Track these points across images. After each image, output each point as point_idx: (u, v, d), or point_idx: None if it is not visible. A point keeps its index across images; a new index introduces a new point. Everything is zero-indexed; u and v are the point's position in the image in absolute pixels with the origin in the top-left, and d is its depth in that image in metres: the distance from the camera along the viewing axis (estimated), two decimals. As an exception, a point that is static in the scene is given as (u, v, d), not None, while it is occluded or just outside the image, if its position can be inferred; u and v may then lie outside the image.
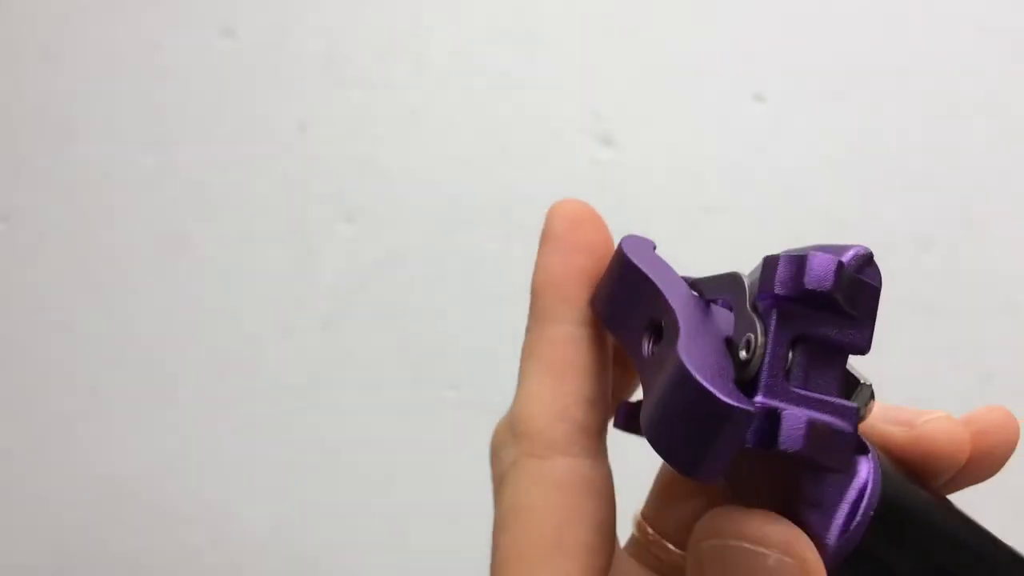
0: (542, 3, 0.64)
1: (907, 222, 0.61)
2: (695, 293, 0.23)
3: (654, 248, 0.24)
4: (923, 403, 0.25)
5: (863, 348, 0.21)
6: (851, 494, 0.21)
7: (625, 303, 0.24)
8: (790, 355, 0.21)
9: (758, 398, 0.20)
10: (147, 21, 0.67)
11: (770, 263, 0.21)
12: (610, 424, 0.25)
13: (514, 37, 0.65)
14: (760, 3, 0.63)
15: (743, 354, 0.21)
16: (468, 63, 0.65)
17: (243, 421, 0.65)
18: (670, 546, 0.26)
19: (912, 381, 0.62)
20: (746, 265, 0.25)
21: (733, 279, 0.22)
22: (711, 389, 0.19)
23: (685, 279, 0.24)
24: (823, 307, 0.21)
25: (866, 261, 0.22)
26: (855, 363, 0.23)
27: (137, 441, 0.65)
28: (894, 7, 0.62)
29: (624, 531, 0.26)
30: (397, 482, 0.64)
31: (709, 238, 0.62)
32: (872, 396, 0.23)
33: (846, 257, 0.21)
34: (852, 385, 0.22)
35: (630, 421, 0.24)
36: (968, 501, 0.25)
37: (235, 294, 0.65)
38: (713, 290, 0.23)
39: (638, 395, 0.25)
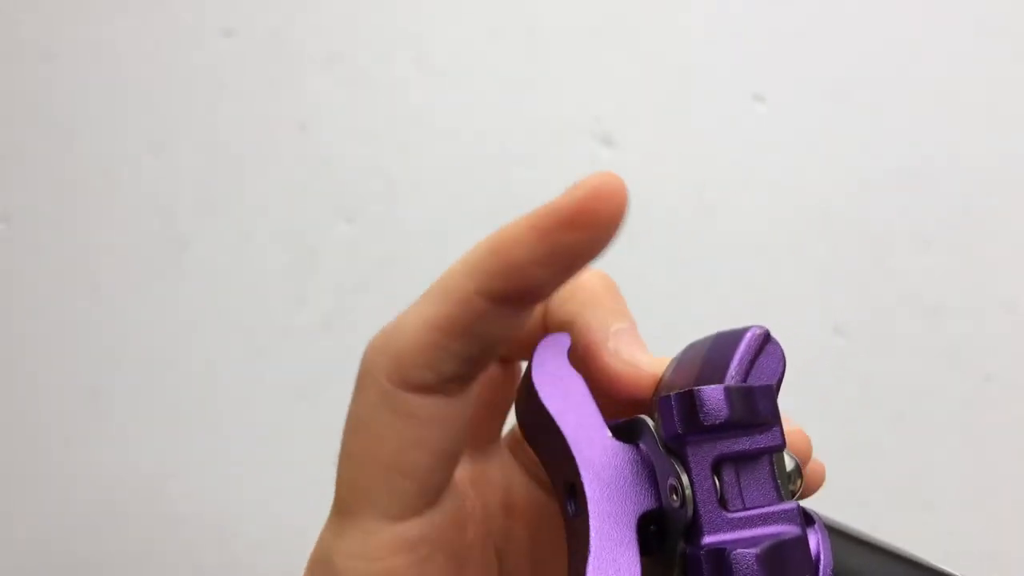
0: (542, 3, 0.65)
1: (907, 222, 0.61)
2: (610, 438, 0.22)
3: (568, 349, 0.23)
4: (923, 403, 0.25)
5: (779, 446, 0.22)
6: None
7: (541, 441, 0.23)
8: (716, 482, 0.21)
9: (705, 540, 0.20)
10: (147, 21, 0.67)
11: (664, 406, 0.21)
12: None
13: (514, 37, 0.65)
14: (760, 3, 0.63)
15: (674, 499, 0.21)
16: (468, 63, 0.65)
17: (243, 421, 0.65)
18: None
19: (912, 381, 0.62)
20: (746, 266, 0.25)
21: (640, 424, 0.22)
22: None
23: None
24: (729, 429, 0.21)
25: (760, 345, 0.22)
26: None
27: (137, 441, 0.65)
28: (894, 7, 0.62)
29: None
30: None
31: (709, 238, 0.62)
32: (799, 472, 0.23)
33: (735, 364, 0.22)
34: (786, 470, 0.23)
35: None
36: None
37: (235, 294, 0.65)
38: (627, 436, 0.23)
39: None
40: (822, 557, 0.22)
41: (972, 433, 0.60)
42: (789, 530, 0.21)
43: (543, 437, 0.23)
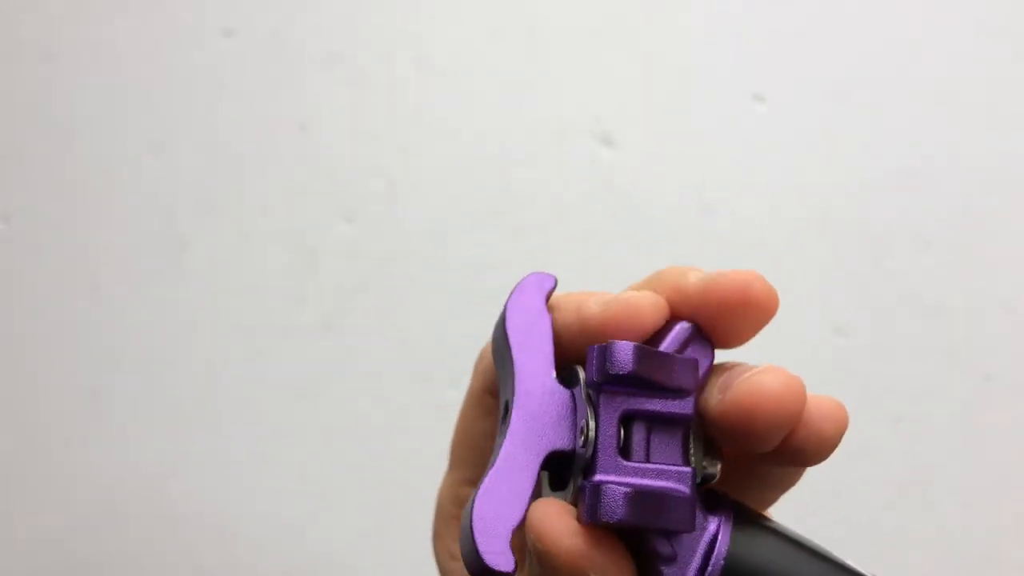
0: (542, 3, 0.65)
1: (907, 222, 0.61)
2: (553, 378, 0.24)
3: (550, 291, 0.25)
4: (923, 403, 0.25)
5: (687, 416, 0.23)
6: (701, 548, 0.23)
7: (499, 361, 0.26)
8: (621, 434, 0.23)
9: (596, 477, 0.22)
10: (147, 21, 0.67)
11: (589, 355, 0.23)
12: None
13: (514, 37, 0.65)
14: (760, 3, 0.63)
15: (581, 439, 0.23)
16: (468, 63, 0.65)
17: (243, 421, 0.65)
18: None
19: (912, 381, 0.62)
20: (746, 266, 0.25)
21: (575, 372, 0.24)
22: (480, 550, 0.22)
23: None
24: (640, 386, 0.23)
25: (691, 336, 0.24)
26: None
27: (137, 441, 0.65)
28: (894, 7, 0.62)
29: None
30: (397, 481, 0.64)
31: (709, 238, 0.62)
32: (720, 455, 0.24)
33: (670, 338, 0.24)
34: (712, 454, 0.24)
35: None
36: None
37: (235, 294, 0.65)
38: (568, 381, 0.25)
39: None
40: (720, 537, 0.23)
41: (972, 433, 0.60)
42: (677, 488, 0.22)
43: (501, 359, 0.25)
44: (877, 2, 0.62)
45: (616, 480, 0.22)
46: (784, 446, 0.23)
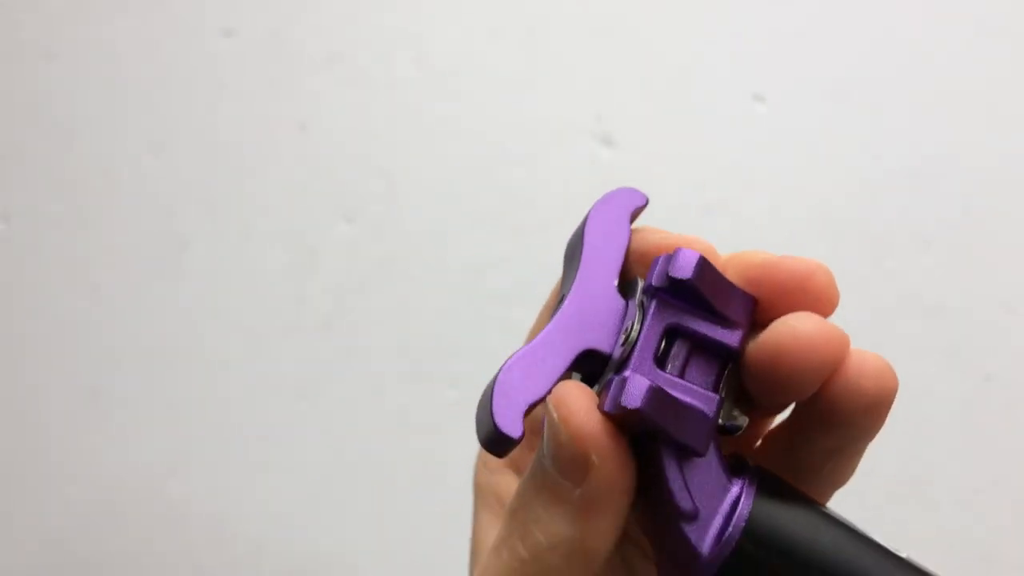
0: (542, 3, 0.65)
1: (907, 222, 0.61)
2: (614, 285, 0.24)
3: (638, 209, 0.26)
4: (923, 403, 0.25)
5: (733, 349, 0.23)
6: (724, 508, 0.22)
7: (569, 259, 0.26)
8: (662, 343, 0.23)
9: (626, 373, 0.22)
10: (147, 21, 0.67)
11: (654, 263, 0.23)
12: None
13: (514, 37, 0.65)
14: (760, 3, 0.63)
15: (622, 339, 0.23)
16: (468, 63, 0.65)
17: (243, 421, 0.65)
18: None
19: (912, 381, 0.62)
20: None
21: (634, 283, 0.24)
22: (494, 410, 0.22)
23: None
24: (695, 303, 0.22)
25: None
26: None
27: (138, 440, 0.65)
28: (894, 7, 0.62)
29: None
30: (397, 482, 0.64)
31: (709, 238, 0.62)
32: (751, 403, 0.24)
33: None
34: (742, 405, 0.24)
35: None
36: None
37: (235, 294, 0.65)
38: (627, 293, 0.25)
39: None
40: (742, 499, 0.22)
41: (972, 433, 0.60)
42: (701, 407, 0.22)
43: (570, 258, 0.25)
44: (877, 2, 0.62)
45: (644, 378, 0.21)
46: (821, 401, 0.23)
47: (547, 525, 0.22)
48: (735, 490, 0.22)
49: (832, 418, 0.23)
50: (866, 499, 0.60)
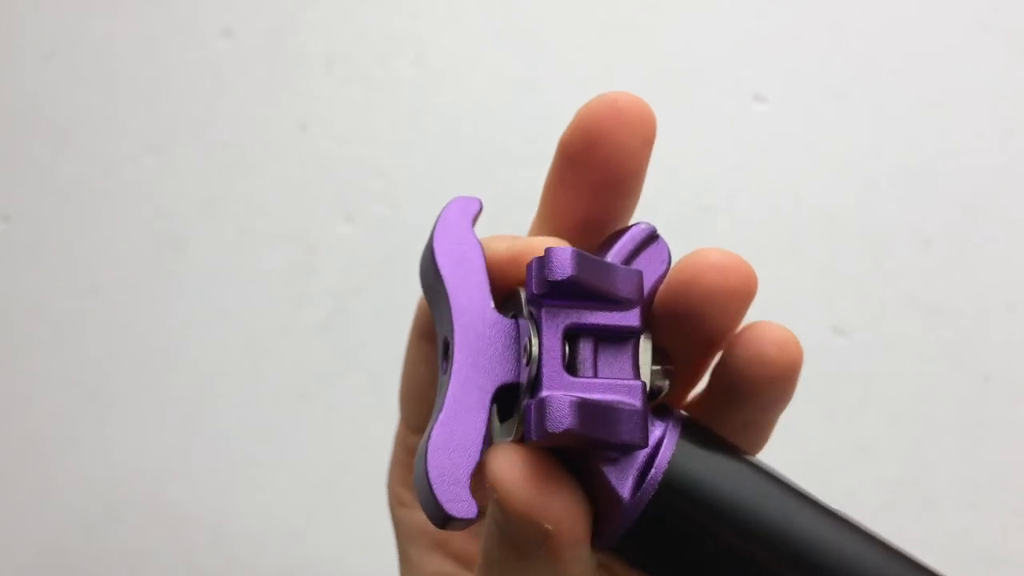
0: (542, 3, 0.65)
1: (907, 222, 0.61)
2: (492, 308, 0.23)
3: (476, 215, 0.24)
4: (923, 403, 0.25)
5: (635, 328, 0.22)
6: (643, 454, 0.22)
7: (432, 297, 0.24)
8: (566, 349, 0.22)
9: (542, 393, 0.21)
10: (147, 21, 0.67)
11: (528, 270, 0.22)
12: None
13: (514, 37, 0.65)
14: (760, 3, 0.63)
15: (524, 359, 0.22)
16: (468, 63, 0.65)
17: (243, 421, 0.65)
18: None
19: (912, 381, 0.62)
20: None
21: (516, 294, 0.23)
22: (440, 500, 0.21)
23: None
24: (582, 297, 0.22)
25: (646, 239, 0.23)
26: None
27: (137, 441, 0.65)
28: (894, 7, 0.62)
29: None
30: (397, 482, 0.64)
31: (709, 238, 0.62)
32: (670, 373, 0.23)
33: (615, 248, 0.23)
34: (662, 364, 0.23)
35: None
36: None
37: (235, 294, 0.65)
38: (508, 307, 0.24)
39: None
40: (663, 448, 0.22)
41: (972, 433, 0.60)
42: (627, 401, 0.21)
43: (433, 294, 0.24)
44: (877, 2, 0.62)
45: (562, 394, 0.21)
46: (729, 374, 0.23)
47: None
48: (657, 433, 0.22)
49: (740, 389, 0.23)
50: (865, 499, 0.60)
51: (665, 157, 0.64)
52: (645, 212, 0.27)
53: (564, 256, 0.21)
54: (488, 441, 0.22)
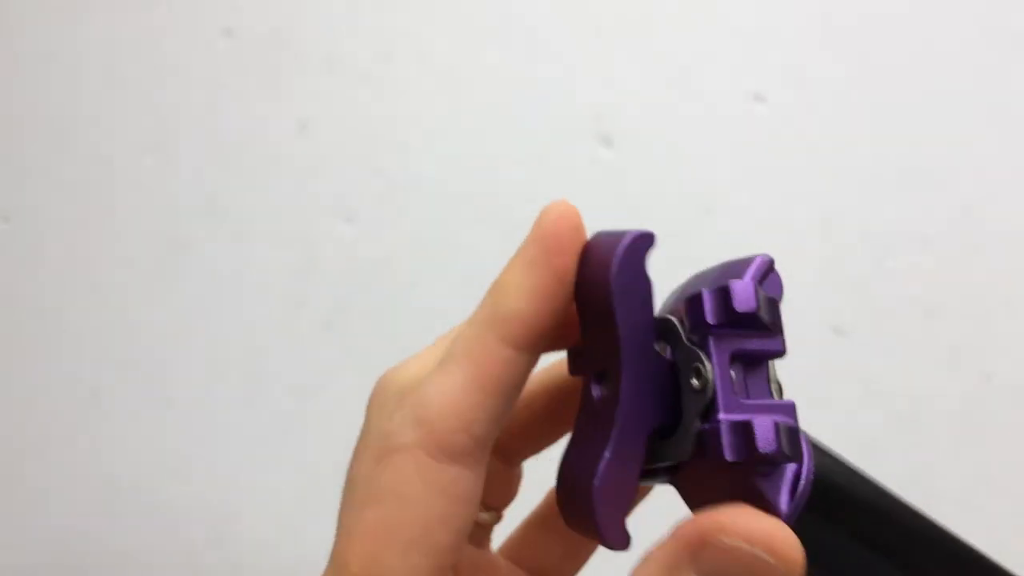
0: (542, 3, 0.65)
1: (907, 222, 0.61)
2: (655, 349, 0.24)
3: (650, 250, 0.25)
4: (923, 403, 0.25)
5: (782, 352, 0.24)
6: (792, 465, 0.23)
7: (591, 319, 0.25)
8: (732, 374, 0.23)
9: (721, 416, 0.22)
10: (147, 21, 0.67)
11: (695, 300, 0.24)
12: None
13: (514, 37, 0.65)
14: (760, 3, 0.63)
15: (695, 383, 0.23)
16: (468, 63, 0.65)
17: (243, 421, 0.65)
18: None
19: (912, 381, 0.62)
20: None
21: (669, 323, 0.25)
22: (601, 530, 0.23)
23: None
24: (747, 326, 0.23)
25: (768, 270, 0.25)
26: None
27: (137, 441, 0.65)
28: (894, 7, 0.62)
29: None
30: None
31: (709, 238, 0.62)
32: (781, 387, 0.25)
33: (751, 273, 0.24)
34: (774, 377, 0.25)
35: (578, 366, 0.26)
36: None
37: (235, 294, 0.65)
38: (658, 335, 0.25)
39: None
40: (805, 460, 0.23)
41: (972, 433, 0.60)
42: (791, 421, 0.23)
43: (594, 317, 0.24)
44: (877, 2, 0.62)
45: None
46: None
47: None
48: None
49: None
50: (866, 499, 0.60)
51: (666, 157, 0.64)
52: (646, 213, 0.27)
53: (748, 290, 0.23)
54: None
